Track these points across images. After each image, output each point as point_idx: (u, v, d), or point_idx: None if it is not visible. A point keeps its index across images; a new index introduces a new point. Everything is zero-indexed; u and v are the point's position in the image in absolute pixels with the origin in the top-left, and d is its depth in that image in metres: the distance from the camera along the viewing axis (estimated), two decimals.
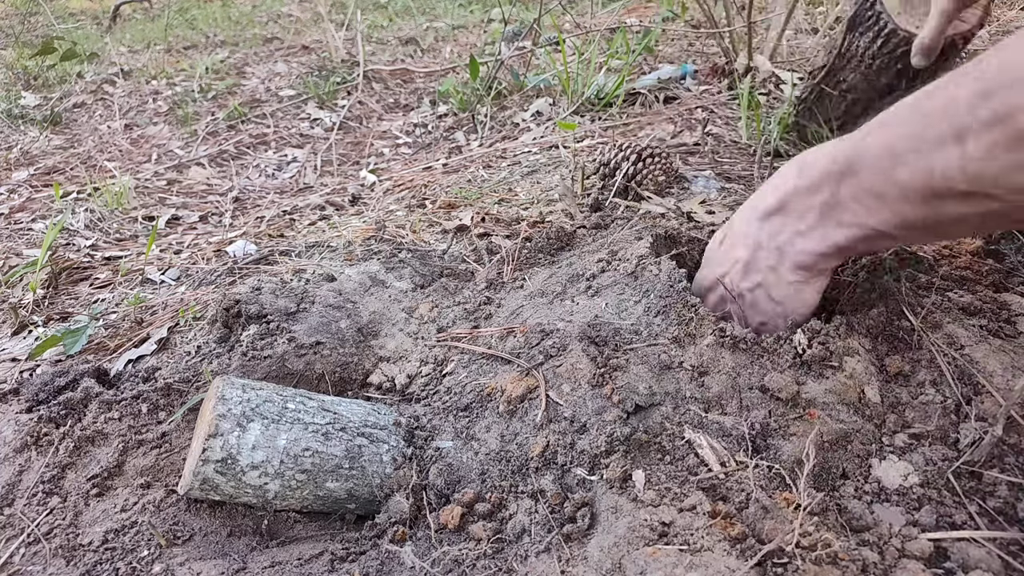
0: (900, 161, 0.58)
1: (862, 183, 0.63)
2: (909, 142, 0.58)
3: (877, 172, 0.61)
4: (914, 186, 0.58)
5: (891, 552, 0.61)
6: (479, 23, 3.49)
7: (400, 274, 1.15)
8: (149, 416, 0.87)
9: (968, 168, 0.53)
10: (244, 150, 2.16)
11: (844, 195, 0.66)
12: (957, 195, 0.56)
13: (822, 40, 2.06)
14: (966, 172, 0.54)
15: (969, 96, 0.52)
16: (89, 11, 4.98)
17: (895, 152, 0.59)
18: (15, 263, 1.40)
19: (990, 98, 0.51)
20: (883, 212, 0.63)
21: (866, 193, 0.63)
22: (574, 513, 0.66)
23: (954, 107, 0.54)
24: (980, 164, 0.52)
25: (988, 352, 0.76)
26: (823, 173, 0.67)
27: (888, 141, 0.60)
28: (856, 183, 0.64)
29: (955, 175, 0.54)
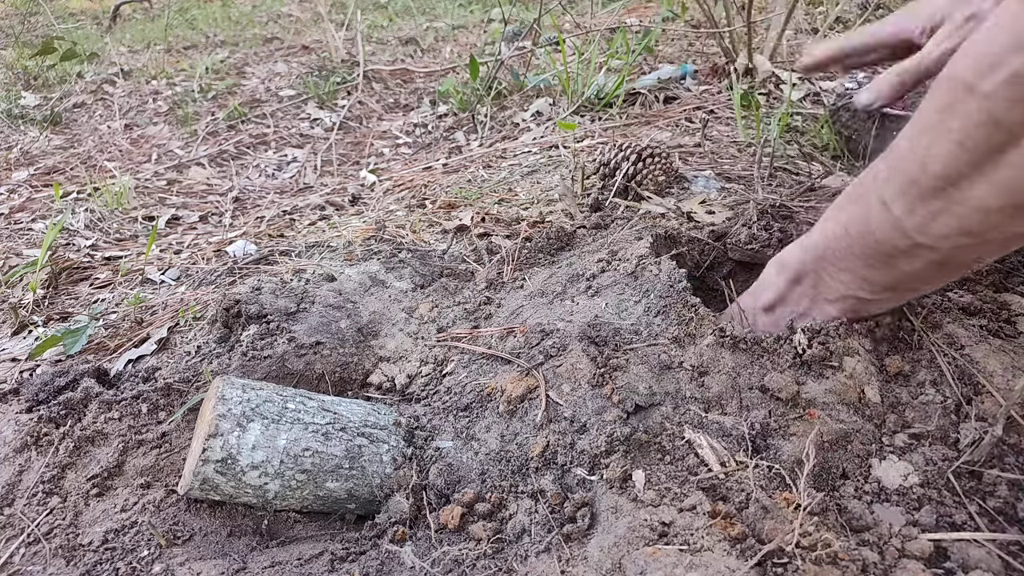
0: (852, 239, 0.69)
1: (831, 263, 0.74)
2: (854, 220, 0.69)
3: (840, 253, 0.72)
4: (868, 254, 0.69)
5: (891, 552, 0.61)
6: (479, 23, 3.49)
7: (400, 274, 1.15)
8: (149, 416, 0.87)
9: (898, 227, 0.64)
10: (244, 150, 2.16)
11: (823, 277, 0.76)
12: (902, 253, 0.66)
13: (822, 40, 2.06)
14: (899, 230, 0.64)
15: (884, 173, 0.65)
16: (89, 11, 4.98)
17: (848, 232, 0.70)
18: (15, 263, 1.40)
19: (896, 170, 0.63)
20: (856, 282, 0.73)
21: (838, 270, 0.74)
22: (574, 513, 0.66)
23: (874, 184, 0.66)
24: (905, 221, 0.63)
25: (988, 352, 0.76)
26: (799, 264, 0.77)
27: (841, 224, 0.71)
28: (827, 265, 0.74)
29: (892, 235, 0.66)
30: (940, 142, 0.57)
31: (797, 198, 1.20)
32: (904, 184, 0.62)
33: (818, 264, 0.75)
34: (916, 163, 0.60)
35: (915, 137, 0.61)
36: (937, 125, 0.57)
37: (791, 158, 1.40)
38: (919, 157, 0.60)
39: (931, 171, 0.59)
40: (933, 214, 0.61)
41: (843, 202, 0.72)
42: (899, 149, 0.64)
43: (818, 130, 1.46)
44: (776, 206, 1.16)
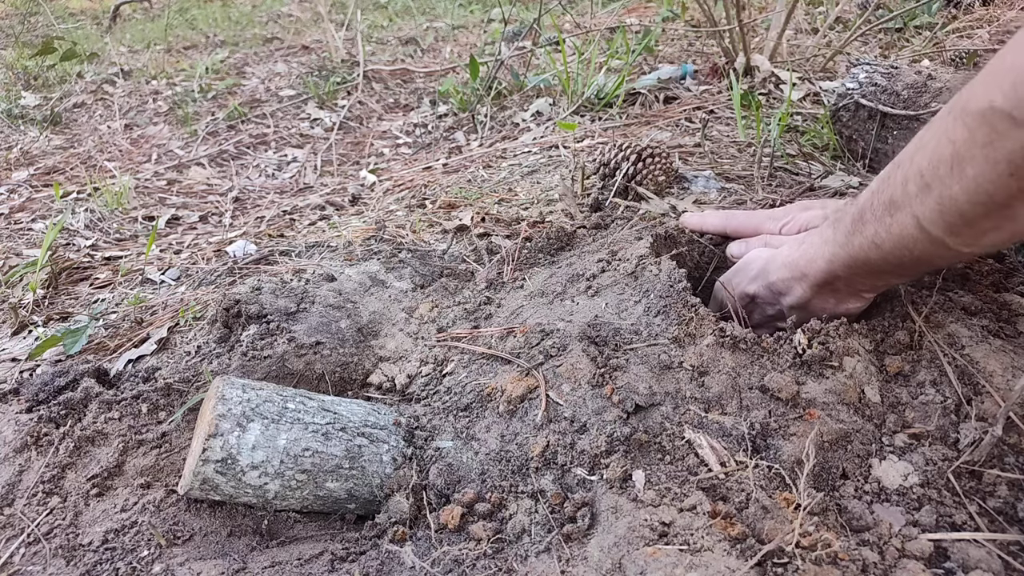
0: (886, 252, 0.70)
1: (866, 271, 0.75)
2: (887, 237, 0.69)
3: (873, 264, 0.73)
4: (906, 263, 0.70)
5: (891, 552, 0.61)
6: (479, 23, 3.49)
7: (400, 274, 1.15)
8: (149, 416, 0.87)
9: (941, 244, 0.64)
10: (244, 150, 2.16)
11: (856, 280, 0.78)
12: (943, 259, 0.71)
13: (822, 40, 2.07)
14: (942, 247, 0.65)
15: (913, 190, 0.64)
16: (89, 11, 4.98)
17: (880, 247, 0.70)
18: (15, 263, 1.40)
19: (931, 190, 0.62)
20: (893, 278, 0.78)
21: (872, 275, 0.76)
22: (574, 513, 0.66)
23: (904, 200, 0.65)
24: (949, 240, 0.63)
25: (988, 352, 0.76)
26: (827, 274, 0.78)
27: (869, 239, 0.71)
28: (859, 273, 0.76)
29: (935, 251, 0.66)
30: (987, 174, 0.56)
31: (797, 198, 1.20)
32: (945, 211, 0.60)
33: (849, 272, 0.76)
34: (958, 190, 0.58)
35: (954, 164, 0.58)
36: (981, 156, 0.55)
37: (791, 158, 1.40)
38: (963, 186, 0.58)
39: (978, 200, 0.57)
40: (982, 233, 0.60)
41: (866, 215, 0.70)
42: (930, 170, 0.61)
43: (818, 130, 1.46)
44: (776, 206, 1.16)
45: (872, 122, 1.31)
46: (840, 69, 1.87)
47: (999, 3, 2.26)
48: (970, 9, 2.24)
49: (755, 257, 0.90)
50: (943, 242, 0.63)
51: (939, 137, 0.59)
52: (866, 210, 0.70)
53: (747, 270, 0.90)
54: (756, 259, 0.89)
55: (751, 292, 0.88)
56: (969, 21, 2.15)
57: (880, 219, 0.68)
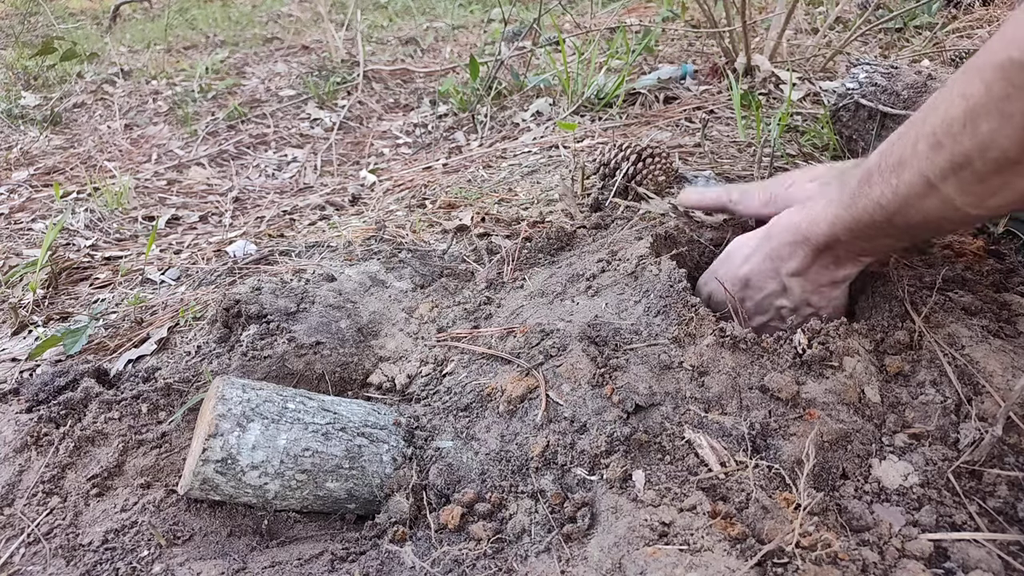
0: (891, 213, 0.69)
1: (869, 234, 0.74)
2: (892, 197, 0.68)
3: (877, 226, 0.72)
4: (912, 224, 0.70)
5: (891, 552, 0.61)
6: (479, 23, 3.49)
7: (400, 274, 1.15)
8: (149, 416, 0.87)
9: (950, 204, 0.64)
10: (244, 150, 2.16)
11: (856, 243, 0.77)
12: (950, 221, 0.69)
13: (822, 40, 2.07)
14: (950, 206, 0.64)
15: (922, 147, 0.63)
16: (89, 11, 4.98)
17: (884, 207, 0.69)
18: (15, 263, 1.40)
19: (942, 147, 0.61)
20: (894, 242, 0.77)
21: (875, 237, 0.75)
22: (574, 513, 0.66)
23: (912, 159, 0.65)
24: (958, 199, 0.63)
25: (988, 352, 0.76)
26: (828, 237, 0.77)
27: (874, 200, 0.70)
28: (861, 235, 0.75)
29: (943, 211, 0.66)
30: (1003, 130, 0.55)
31: None
32: (955, 164, 0.59)
33: (851, 236, 0.75)
34: (971, 145, 0.58)
35: (968, 120, 0.57)
36: (996, 111, 0.55)
37: (791, 158, 1.40)
38: (976, 141, 0.57)
39: (991, 156, 0.57)
40: (991, 191, 0.60)
41: (873, 178, 0.69)
42: (942, 128, 0.60)
43: (818, 130, 1.46)
44: None
45: (872, 122, 1.31)
46: (840, 69, 1.87)
47: (999, 3, 2.26)
48: (970, 9, 2.24)
49: (742, 243, 0.88)
50: (952, 201, 0.62)
51: (952, 96, 0.59)
52: (873, 172, 0.69)
53: (735, 255, 0.88)
54: (743, 243, 0.88)
55: (743, 274, 0.86)
56: (969, 21, 2.15)
57: (887, 180, 0.67)
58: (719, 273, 0.90)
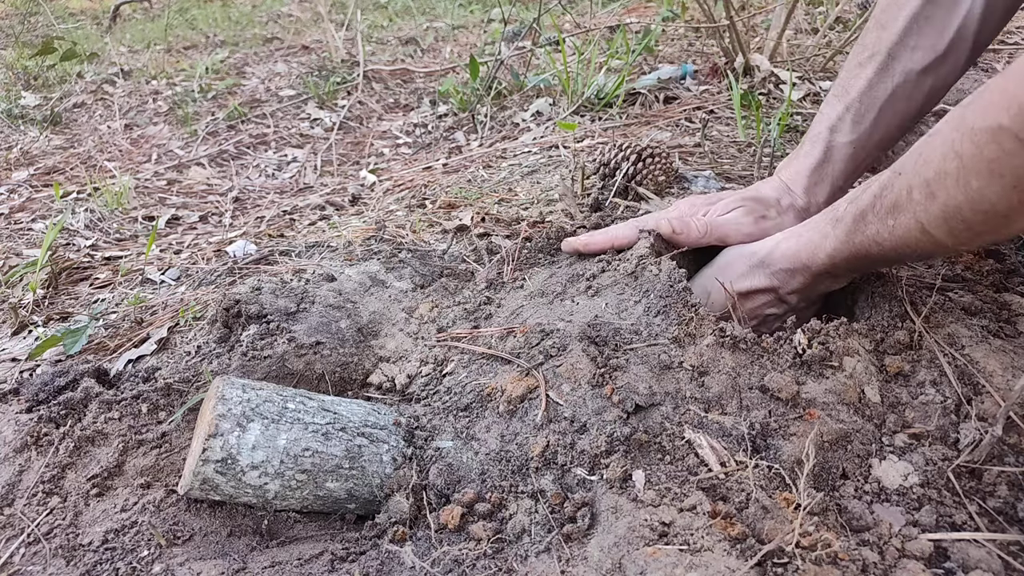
0: (887, 249, 0.74)
1: (865, 265, 0.83)
2: (889, 237, 0.73)
3: (874, 258, 0.78)
4: (906, 255, 0.77)
5: (891, 552, 0.61)
6: (479, 23, 3.49)
7: (400, 274, 1.15)
8: (149, 416, 0.87)
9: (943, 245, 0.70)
10: (244, 150, 2.16)
11: (856, 268, 0.84)
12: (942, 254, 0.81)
13: (822, 40, 2.07)
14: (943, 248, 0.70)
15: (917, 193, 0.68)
16: (89, 11, 4.98)
17: (881, 244, 0.75)
18: (15, 263, 1.40)
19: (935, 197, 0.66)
20: (886, 264, 0.86)
21: (871, 264, 0.83)
22: (574, 513, 0.66)
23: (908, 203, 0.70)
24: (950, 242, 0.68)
25: (988, 352, 0.76)
26: (828, 266, 0.83)
27: (870, 237, 0.75)
28: (859, 265, 0.83)
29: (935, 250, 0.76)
30: (992, 187, 0.60)
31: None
32: (949, 217, 0.65)
33: (849, 265, 0.82)
34: (963, 199, 0.63)
35: (960, 177, 0.62)
36: (987, 171, 0.59)
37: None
38: (968, 196, 0.62)
39: (981, 208, 0.62)
40: (980, 236, 0.66)
41: (868, 217, 0.75)
42: (935, 178, 0.65)
43: None
44: None
45: None
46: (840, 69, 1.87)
47: None
48: None
49: (737, 255, 0.93)
50: (943, 243, 0.69)
51: (945, 151, 0.63)
52: (868, 211, 0.75)
53: (735, 266, 0.92)
54: (740, 257, 0.93)
55: (743, 288, 0.90)
56: None
57: (883, 220, 0.73)
58: (715, 285, 0.93)
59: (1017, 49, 1.86)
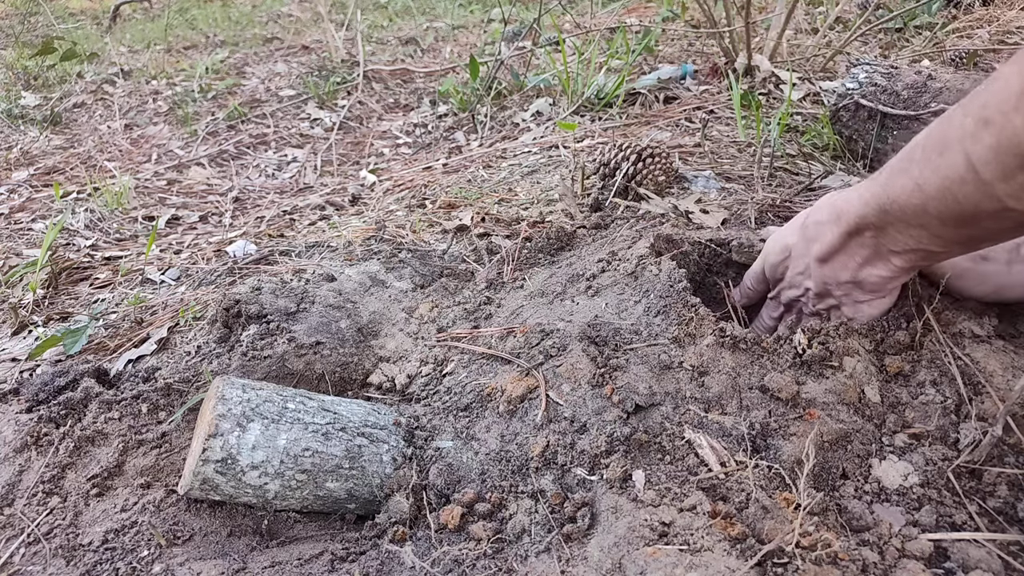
0: (928, 196, 0.63)
1: (902, 220, 0.68)
2: (932, 177, 0.62)
3: (912, 210, 0.66)
4: (947, 214, 0.63)
5: (891, 552, 0.61)
6: (479, 23, 3.49)
7: (400, 274, 1.15)
8: (149, 416, 0.87)
9: (990, 193, 0.58)
10: (244, 150, 2.16)
11: (888, 231, 0.71)
12: (989, 215, 0.61)
13: (822, 40, 2.07)
14: (990, 197, 0.58)
15: (970, 125, 0.58)
16: (89, 11, 4.98)
17: (922, 189, 0.64)
18: (15, 263, 1.40)
19: (990, 125, 0.56)
20: (927, 237, 0.68)
21: (907, 226, 0.69)
22: (574, 513, 0.66)
23: (960, 138, 0.59)
24: (999, 188, 0.57)
25: (988, 352, 0.76)
26: (860, 218, 0.72)
27: (914, 179, 0.64)
28: (894, 220, 0.69)
29: (980, 201, 0.59)
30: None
31: (797, 198, 1.20)
32: (1001, 148, 0.55)
33: (883, 218, 0.70)
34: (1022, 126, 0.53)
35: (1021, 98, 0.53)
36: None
37: (791, 158, 1.40)
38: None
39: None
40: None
41: (916, 154, 0.64)
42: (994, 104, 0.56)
43: (818, 130, 1.46)
44: (776, 205, 1.16)
45: (872, 122, 1.31)
46: (840, 69, 1.87)
47: (999, 3, 2.26)
48: (970, 9, 2.24)
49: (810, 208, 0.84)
50: (991, 187, 0.58)
51: (1011, 72, 0.55)
52: (916, 149, 0.65)
53: (795, 220, 0.85)
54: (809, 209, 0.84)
55: (790, 243, 0.83)
56: (969, 21, 2.15)
57: (929, 159, 0.63)
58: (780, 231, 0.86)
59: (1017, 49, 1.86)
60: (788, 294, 0.86)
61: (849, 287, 0.78)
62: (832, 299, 0.81)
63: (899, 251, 0.72)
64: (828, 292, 0.80)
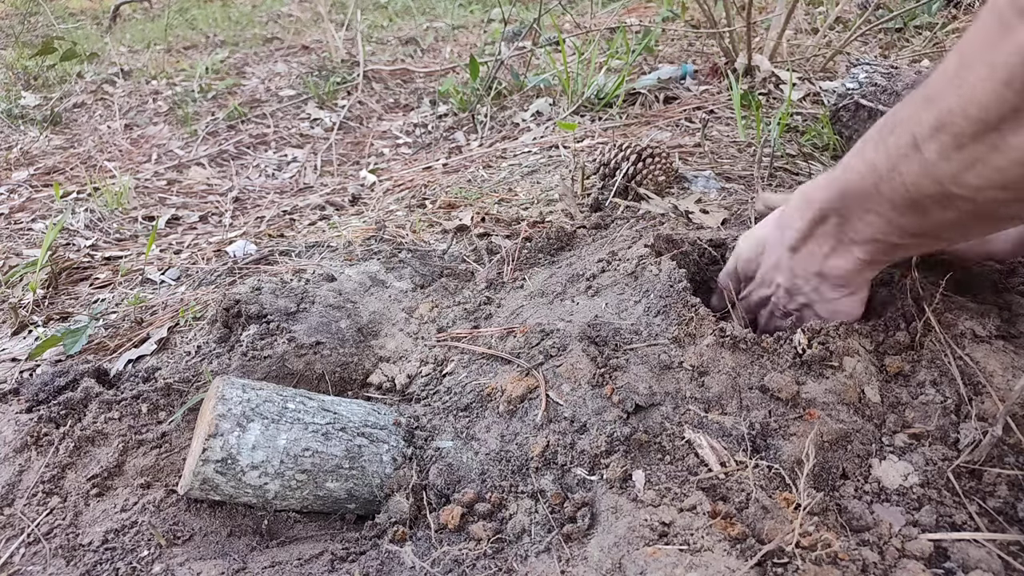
0: (879, 177, 0.64)
1: (858, 204, 0.69)
2: (883, 157, 0.63)
3: (866, 192, 0.67)
4: (896, 198, 0.64)
5: (891, 552, 0.61)
6: (479, 23, 3.49)
7: (400, 274, 1.15)
8: (149, 416, 0.87)
9: (930, 172, 0.59)
10: (244, 150, 2.16)
11: (849, 217, 0.71)
12: (933, 201, 0.61)
13: (822, 40, 2.07)
14: (930, 176, 0.59)
15: (917, 105, 0.59)
16: (89, 11, 4.98)
17: (875, 169, 0.64)
18: (15, 263, 1.40)
19: (932, 103, 0.57)
20: (883, 225, 0.68)
21: (864, 211, 0.69)
22: (574, 513, 0.66)
23: (908, 117, 0.60)
24: (938, 167, 0.58)
25: (988, 352, 0.76)
26: (823, 203, 0.72)
27: (868, 160, 0.66)
28: (852, 204, 0.69)
29: (922, 181, 0.60)
30: (983, 80, 0.52)
31: None
32: (939, 123, 0.56)
33: (843, 202, 0.70)
34: (955, 101, 0.54)
35: (957, 71, 0.54)
36: (980, 60, 0.52)
37: (791, 158, 1.40)
38: (960, 95, 0.54)
39: (971, 113, 0.53)
40: (969, 162, 0.56)
41: (873, 135, 0.66)
42: (936, 82, 0.57)
43: (818, 130, 1.46)
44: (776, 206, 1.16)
45: (872, 122, 1.30)
46: (840, 69, 1.87)
47: None
48: (970, 9, 2.24)
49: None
50: (934, 169, 0.58)
51: (952, 53, 0.56)
52: (873, 131, 0.66)
53: (771, 217, 0.85)
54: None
55: (762, 235, 0.84)
56: (969, 21, 2.15)
57: (883, 138, 0.64)
58: (751, 230, 0.87)
59: None
60: (759, 293, 0.85)
61: (817, 281, 0.78)
62: (802, 296, 0.80)
63: (859, 241, 0.72)
64: (798, 288, 0.80)
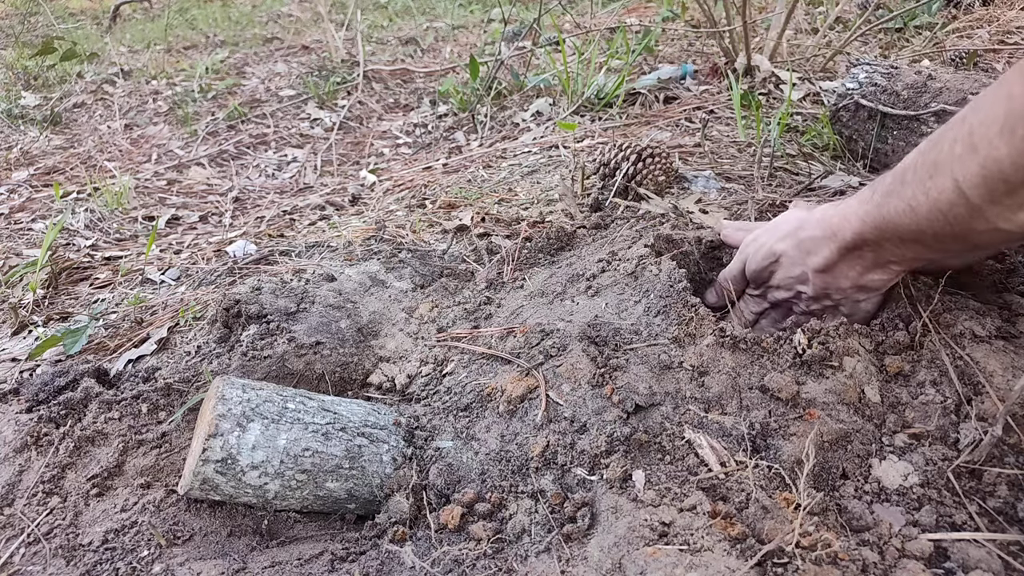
0: (920, 217, 0.66)
1: (898, 238, 0.71)
2: (922, 199, 0.65)
3: (907, 230, 0.69)
4: (939, 233, 0.66)
5: (891, 552, 0.61)
6: (479, 23, 3.49)
7: (400, 274, 1.15)
8: (149, 416, 0.87)
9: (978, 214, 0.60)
10: (244, 150, 2.16)
11: (887, 246, 0.73)
12: (978, 233, 0.63)
13: (822, 40, 2.07)
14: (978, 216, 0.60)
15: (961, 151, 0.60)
16: (89, 11, 4.98)
17: (915, 210, 0.66)
18: (15, 263, 1.40)
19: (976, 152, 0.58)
20: (925, 251, 0.72)
21: (903, 242, 0.71)
22: (574, 513, 0.66)
23: (947, 162, 0.61)
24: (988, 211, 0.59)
25: (988, 352, 0.76)
26: (857, 235, 0.74)
27: (905, 199, 0.67)
28: (893, 239, 0.72)
29: (969, 220, 0.62)
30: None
31: (796, 198, 1.20)
32: (988, 174, 0.56)
33: (879, 236, 0.72)
34: (1007, 155, 0.54)
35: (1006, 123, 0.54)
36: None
37: (791, 158, 1.40)
38: (1012, 150, 0.54)
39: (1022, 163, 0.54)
40: (1021, 205, 0.57)
41: (908, 176, 0.66)
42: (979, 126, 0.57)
43: (818, 130, 1.46)
44: (776, 205, 1.16)
45: (872, 122, 1.31)
46: (840, 69, 1.87)
47: (999, 3, 2.26)
48: (970, 9, 2.24)
49: (789, 217, 0.86)
50: (980, 211, 0.60)
51: (997, 95, 0.56)
52: (908, 171, 0.67)
53: (778, 228, 0.86)
54: (789, 218, 0.85)
55: (779, 250, 0.84)
56: (969, 21, 2.15)
57: (921, 181, 0.64)
58: (760, 239, 0.87)
59: (1017, 49, 1.86)
60: (777, 295, 0.87)
61: (852, 291, 0.81)
62: (829, 301, 0.83)
63: (898, 261, 0.75)
64: (827, 295, 0.82)
